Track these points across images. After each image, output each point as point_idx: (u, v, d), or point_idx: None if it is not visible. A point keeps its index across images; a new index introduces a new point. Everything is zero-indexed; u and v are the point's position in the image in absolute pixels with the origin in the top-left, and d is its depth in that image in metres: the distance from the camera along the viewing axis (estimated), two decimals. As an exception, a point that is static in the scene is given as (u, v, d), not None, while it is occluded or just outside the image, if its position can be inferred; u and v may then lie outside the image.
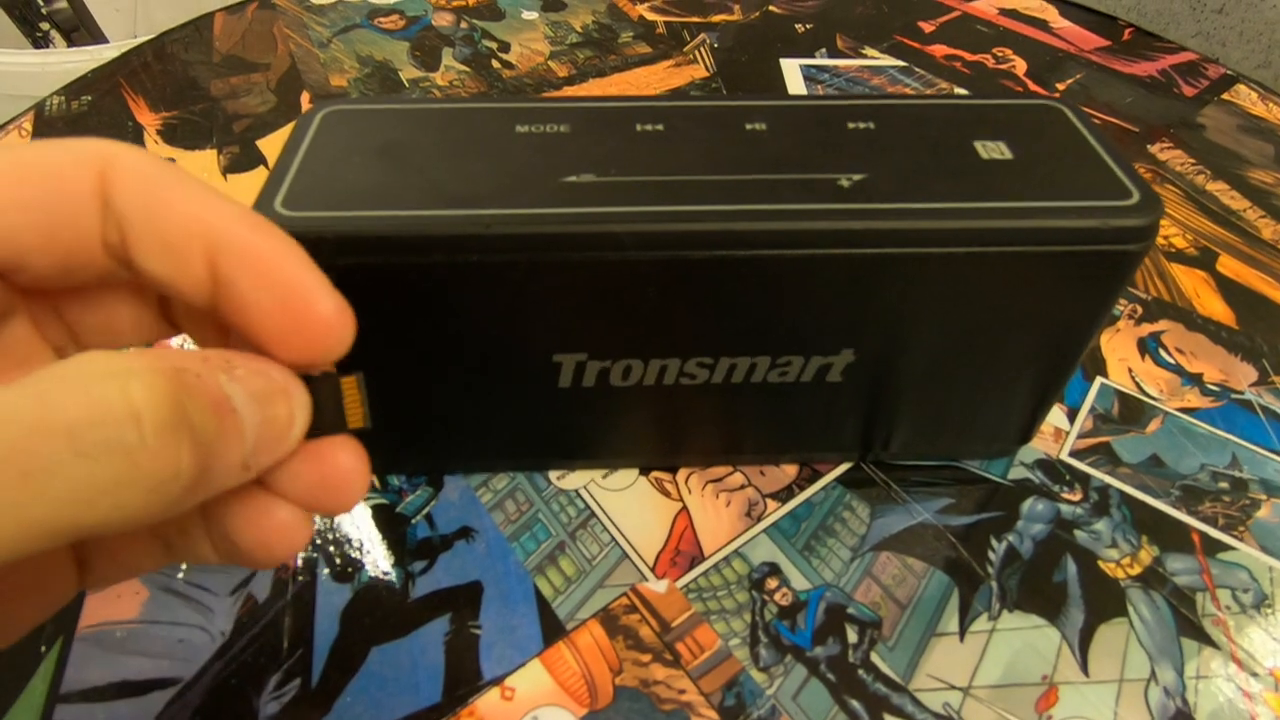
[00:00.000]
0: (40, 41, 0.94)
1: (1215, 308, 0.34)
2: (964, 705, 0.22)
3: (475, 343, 0.22)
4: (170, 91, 0.45)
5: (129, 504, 0.11)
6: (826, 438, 0.26)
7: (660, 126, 0.22)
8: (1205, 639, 0.24)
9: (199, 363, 0.12)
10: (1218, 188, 0.41)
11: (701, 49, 0.50)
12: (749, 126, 0.22)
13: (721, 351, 0.23)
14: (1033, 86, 0.48)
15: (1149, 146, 0.43)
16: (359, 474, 0.14)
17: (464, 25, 0.52)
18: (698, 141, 0.22)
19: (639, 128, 0.22)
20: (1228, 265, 0.36)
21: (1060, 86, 0.48)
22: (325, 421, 0.14)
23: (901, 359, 0.23)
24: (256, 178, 0.39)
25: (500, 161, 0.21)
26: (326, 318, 0.13)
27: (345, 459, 0.14)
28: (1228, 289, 0.35)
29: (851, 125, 0.23)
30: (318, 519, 0.25)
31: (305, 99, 0.45)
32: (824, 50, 0.51)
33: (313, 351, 0.13)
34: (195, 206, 0.13)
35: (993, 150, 0.22)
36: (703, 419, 0.25)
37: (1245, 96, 0.48)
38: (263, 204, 0.19)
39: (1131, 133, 0.44)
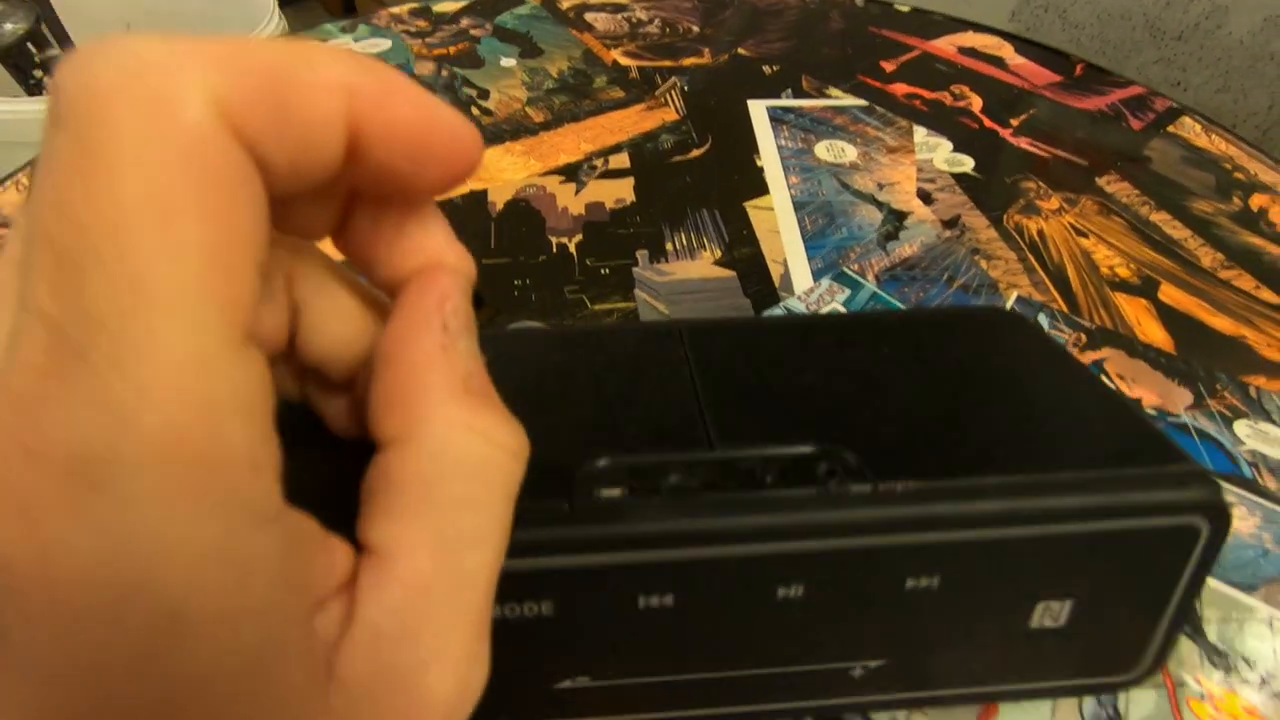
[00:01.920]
0: (35, 89, 0.96)
1: (1156, 334, 0.36)
2: (911, 715, 0.23)
3: None
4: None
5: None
6: None
7: (669, 600, 0.17)
8: (1137, 651, 0.25)
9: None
10: (1161, 218, 0.43)
11: (672, 92, 0.53)
12: (782, 593, 0.18)
13: None
14: (988, 123, 0.50)
15: (1097, 179, 0.46)
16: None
17: (445, 74, 0.54)
18: (715, 621, 0.18)
19: (641, 603, 0.18)
20: (1168, 293, 0.38)
21: (1014, 122, 0.50)
22: None
23: None
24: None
25: None
26: (468, 147, 0.13)
27: None
28: (1168, 316, 0.37)
29: (911, 583, 0.18)
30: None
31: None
32: (789, 91, 0.53)
33: (455, 174, 0.13)
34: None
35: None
36: None
37: (1190, 129, 0.50)
38: None
39: (1080, 166, 0.47)
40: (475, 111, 0.50)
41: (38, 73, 0.96)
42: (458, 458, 0.13)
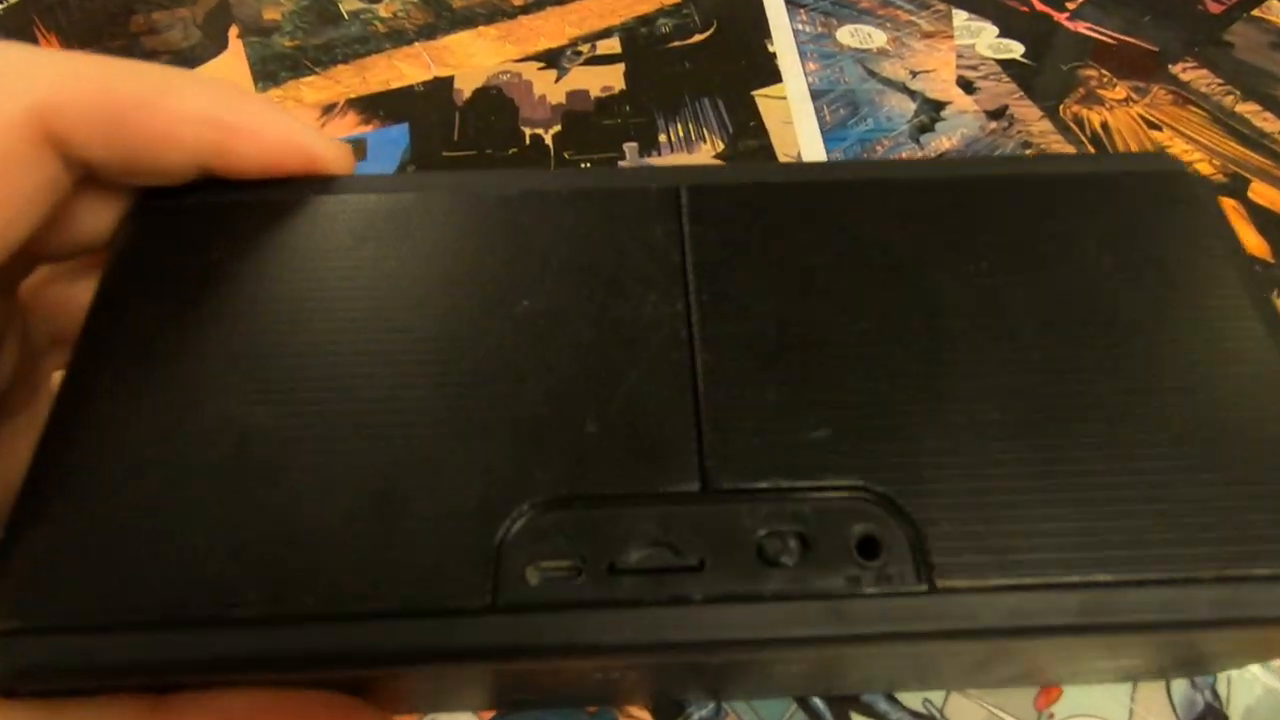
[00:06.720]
0: None
1: (1249, 239, 0.30)
2: (947, 703, 0.18)
3: None
4: (86, 28, 0.41)
5: None
6: None
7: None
8: (1239, 621, 0.20)
9: None
10: (1249, 109, 0.36)
11: (674, -27, 0.46)
12: (780, 670, 0.15)
13: None
14: (1040, 7, 0.43)
15: (1170, 67, 0.39)
16: None
17: (414, -46, 0.47)
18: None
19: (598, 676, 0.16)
20: (1260, 192, 0.32)
21: (1070, 5, 0.43)
22: None
23: None
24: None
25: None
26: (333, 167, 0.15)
27: None
28: (1261, 217, 0.31)
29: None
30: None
31: (234, 33, 0.41)
32: (809, -28, 0.46)
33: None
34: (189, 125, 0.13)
35: None
36: None
37: (1278, 12, 0.43)
38: None
39: (1151, 53, 0.40)
40: (446, -6, 0.44)
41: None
42: None
